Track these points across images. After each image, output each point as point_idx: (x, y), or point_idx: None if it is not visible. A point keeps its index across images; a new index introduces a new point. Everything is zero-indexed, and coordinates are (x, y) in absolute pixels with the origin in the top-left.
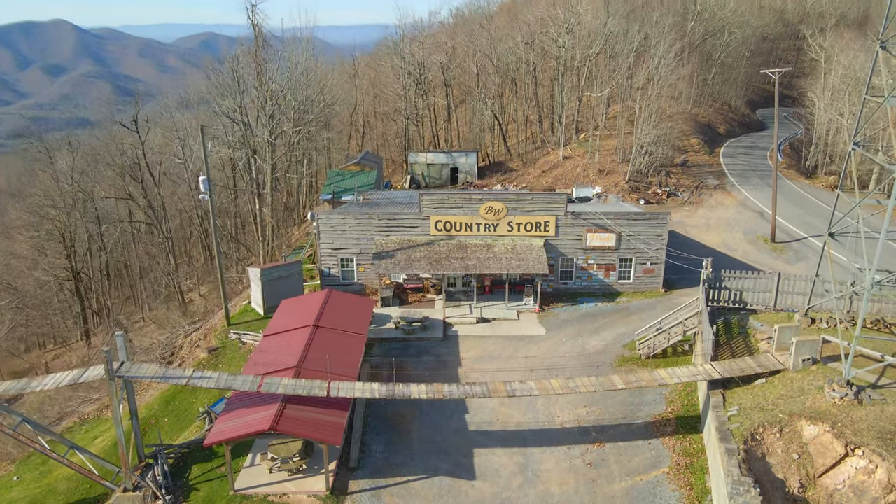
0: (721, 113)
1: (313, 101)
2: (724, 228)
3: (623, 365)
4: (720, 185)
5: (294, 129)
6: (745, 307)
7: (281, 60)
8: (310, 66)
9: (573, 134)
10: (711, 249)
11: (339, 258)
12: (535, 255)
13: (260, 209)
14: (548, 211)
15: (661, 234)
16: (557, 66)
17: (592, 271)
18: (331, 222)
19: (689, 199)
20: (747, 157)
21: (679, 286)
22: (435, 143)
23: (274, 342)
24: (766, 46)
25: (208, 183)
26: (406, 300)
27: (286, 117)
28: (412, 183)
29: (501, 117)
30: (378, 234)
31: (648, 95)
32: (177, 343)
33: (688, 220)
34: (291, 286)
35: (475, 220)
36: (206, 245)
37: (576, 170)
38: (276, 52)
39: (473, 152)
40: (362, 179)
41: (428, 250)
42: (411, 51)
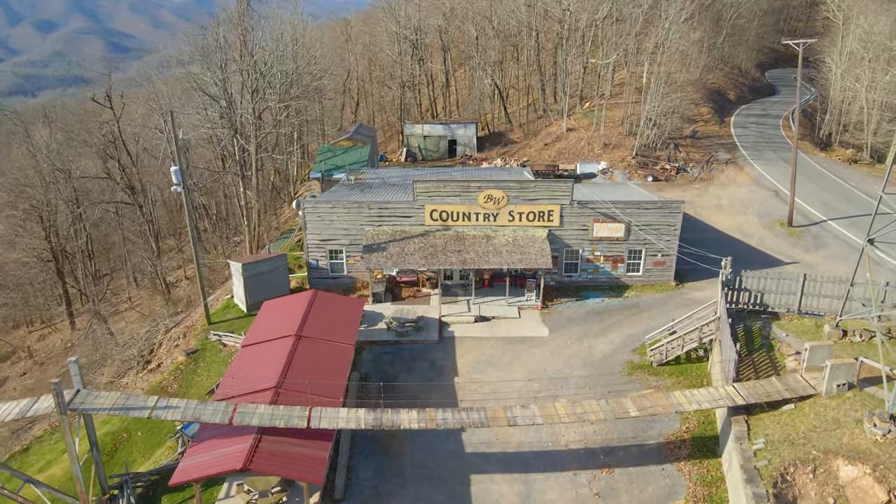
0: (731, 77)
1: (302, 73)
2: (737, 210)
3: (633, 374)
4: (732, 160)
5: (281, 103)
6: (766, 310)
7: (266, 27)
8: (298, 32)
9: (577, 103)
10: (724, 235)
11: (328, 249)
12: (537, 247)
13: (245, 192)
14: (552, 200)
15: (674, 224)
16: (561, 30)
17: (599, 263)
18: (318, 212)
19: (699, 176)
20: (759, 128)
21: (691, 278)
22: (433, 111)
23: (251, 356)
24: (778, 4)
25: (181, 174)
26: (399, 295)
27: (272, 90)
28: (408, 156)
29: (502, 85)
30: (369, 225)
31: (657, 63)
32: (156, 339)
33: (698, 199)
34: (276, 281)
35: (473, 209)
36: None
37: (580, 143)
38: (262, 17)
39: (472, 123)
40: (354, 156)
41: (422, 242)
42: (407, 13)
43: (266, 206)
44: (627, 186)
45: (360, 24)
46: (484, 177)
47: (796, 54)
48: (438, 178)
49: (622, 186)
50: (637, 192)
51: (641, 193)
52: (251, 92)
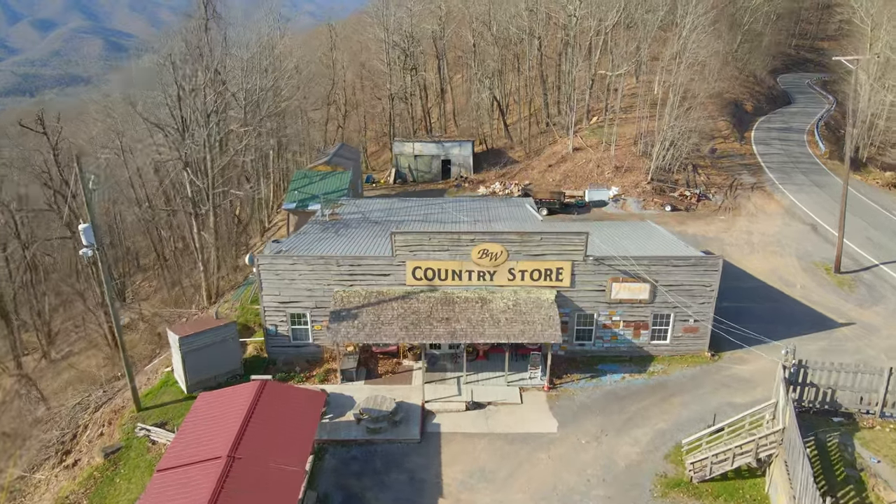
0: (747, 86)
1: (280, 87)
2: (772, 249)
3: (668, 494)
4: (758, 185)
5: (245, 127)
6: (837, 410)
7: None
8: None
9: (584, 117)
10: (761, 283)
11: (289, 313)
12: (543, 314)
13: (199, 233)
14: (561, 255)
15: (710, 284)
16: (566, 37)
17: (618, 330)
18: (276, 269)
19: (723, 204)
20: (783, 145)
21: (728, 345)
22: (426, 124)
23: (167, 488)
24: (794, 6)
25: (92, 232)
26: (375, 370)
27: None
28: (397, 177)
29: (501, 97)
30: (338, 284)
31: (674, 73)
32: (82, 420)
33: (726, 235)
34: (224, 356)
35: (466, 266)
36: (160, 251)
37: (588, 165)
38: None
39: (468, 142)
40: (333, 183)
41: (403, 307)
42: (397, 19)
43: (230, 241)
44: (647, 227)
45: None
46: (478, 217)
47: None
48: (422, 230)
49: (640, 227)
50: (658, 234)
51: (665, 239)
52: (207, 115)
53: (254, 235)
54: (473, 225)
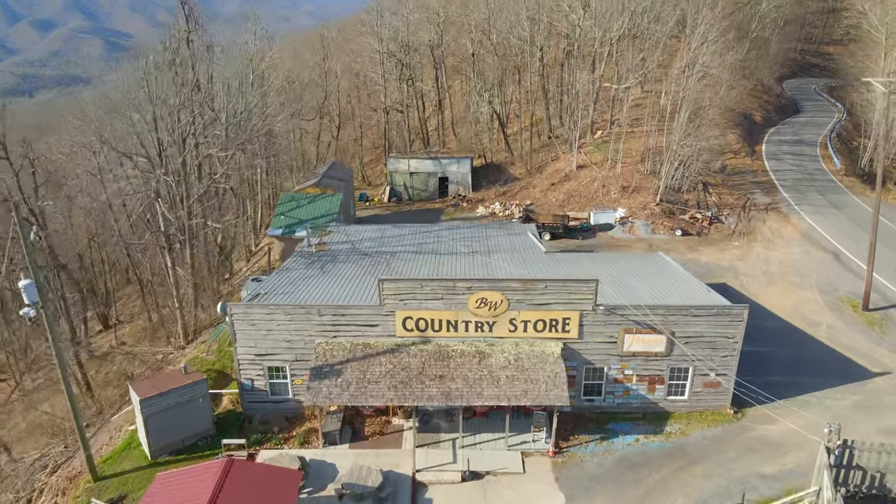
0: (755, 95)
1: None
2: (792, 281)
3: None
4: (773, 205)
5: (223, 152)
6: (887, 496)
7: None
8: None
9: (587, 131)
10: (784, 322)
11: (266, 366)
12: (549, 371)
13: (173, 269)
14: (568, 304)
15: (734, 335)
16: (569, 47)
17: (631, 385)
18: (250, 319)
19: (737, 228)
20: (796, 160)
21: (751, 398)
22: (423, 135)
23: None
24: (801, 11)
25: (35, 289)
26: (361, 431)
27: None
28: (392, 195)
29: (501, 109)
30: (320, 335)
31: (683, 89)
32: (38, 483)
33: (741, 264)
34: (192, 416)
35: (462, 316)
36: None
37: (593, 184)
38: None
39: (466, 159)
40: (322, 207)
41: (392, 362)
42: (393, 28)
43: (210, 271)
44: (659, 261)
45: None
46: (476, 248)
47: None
48: (413, 277)
49: (651, 261)
50: (671, 271)
51: (679, 277)
52: (183, 139)
53: (239, 259)
54: (471, 257)
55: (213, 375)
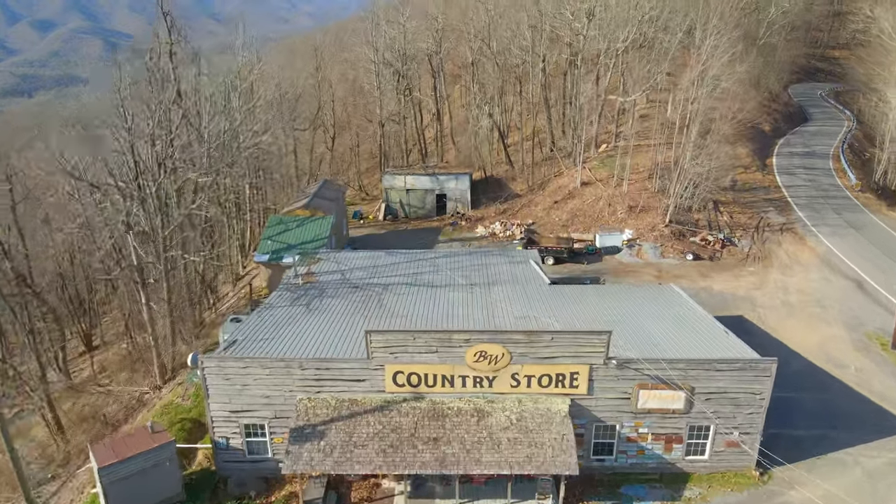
0: (763, 104)
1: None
2: (813, 313)
3: None
4: (787, 225)
5: (204, 177)
6: None
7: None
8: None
9: (592, 144)
10: (807, 363)
11: (242, 424)
12: (555, 433)
13: (147, 305)
14: (577, 357)
15: (760, 391)
16: (573, 57)
17: (645, 444)
18: (225, 373)
19: (751, 251)
20: (809, 174)
21: (777, 454)
22: (421, 147)
23: None
24: (808, 17)
25: None
26: (347, 497)
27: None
28: (388, 213)
29: (501, 119)
30: (301, 391)
31: (693, 104)
32: None
33: (757, 294)
34: (159, 481)
35: (459, 371)
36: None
37: (598, 203)
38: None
39: (465, 175)
40: (312, 230)
41: (381, 422)
42: (388, 38)
43: (191, 302)
44: (671, 295)
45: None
46: (475, 280)
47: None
48: (404, 328)
49: (662, 295)
50: (684, 307)
51: (695, 318)
52: (159, 163)
53: (226, 282)
54: (469, 291)
55: (188, 426)
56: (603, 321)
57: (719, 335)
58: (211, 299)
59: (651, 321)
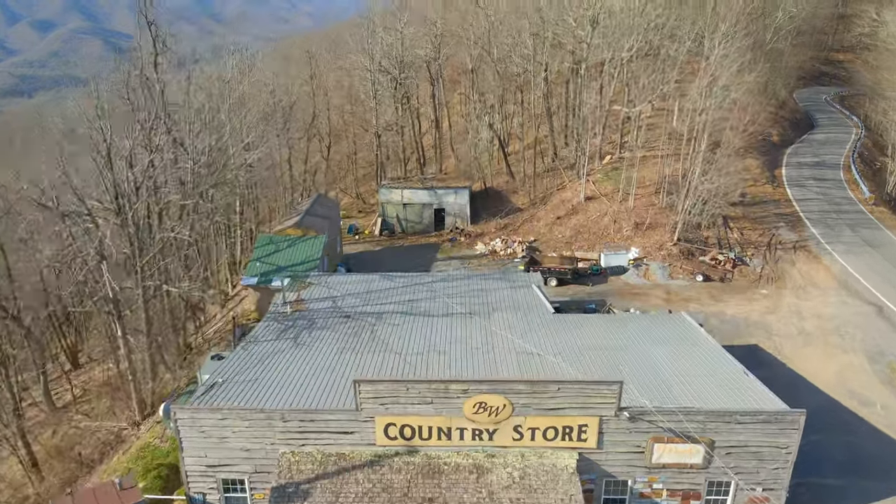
0: (771, 112)
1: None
2: (831, 342)
3: None
4: (801, 243)
5: (187, 200)
6: None
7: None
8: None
9: (596, 155)
10: (827, 398)
11: (220, 479)
12: (561, 492)
13: (124, 338)
14: (585, 409)
15: (787, 445)
16: (576, 65)
17: (660, 500)
18: (199, 426)
19: (763, 272)
20: (820, 186)
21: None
22: (419, 155)
23: None
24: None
25: None
26: None
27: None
28: (384, 228)
29: (501, 127)
30: (284, 444)
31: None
32: None
33: (772, 319)
34: None
35: (456, 423)
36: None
37: (603, 219)
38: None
39: (464, 189)
40: (303, 251)
41: (371, 480)
42: (385, 45)
43: (176, 330)
44: (682, 325)
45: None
46: (474, 307)
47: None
48: (397, 377)
49: (671, 325)
50: (697, 339)
51: (711, 353)
52: (136, 186)
53: (214, 302)
54: (469, 321)
55: (164, 472)
56: (611, 361)
57: (738, 377)
58: (198, 321)
59: (663, 359)
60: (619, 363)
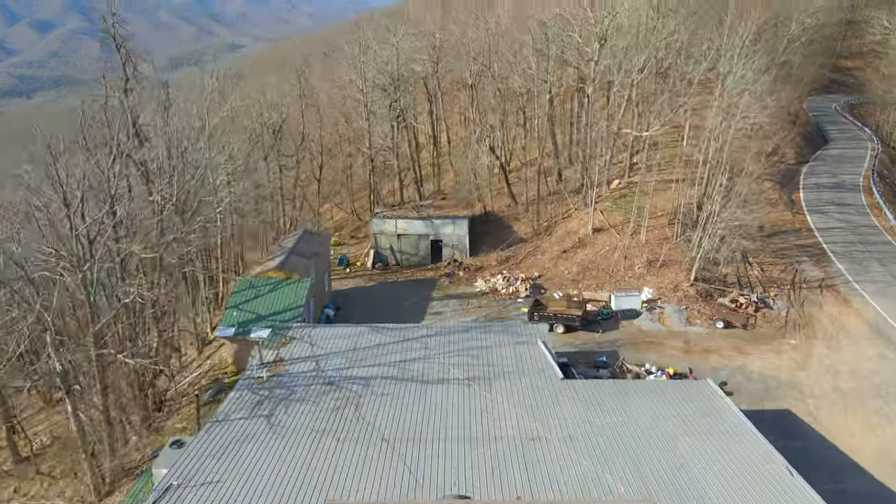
0: (783, 127)
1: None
2: (873, 408)
3: None
4: (827, 280)
5: (150, 253)
6: None
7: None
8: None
9: (603, 181)
10: (873, 483)
11: None
12: None
13: (75, 415)
14: None
15: None
16: (581, 84)
17: None
18: None
19: (789, 317)
20: (841, 212)
21: None
22: (416, 175)
23: None
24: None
25: None
26: None
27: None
28: (377, 260)
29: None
30: None
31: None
32: None
33: (802, 376)
34: None
35: None
36: None
37: (613, 254)
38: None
39: (463, 219)
40: (286, 297)
41: None
42: (379, 61)
43: (143, 391)
44: (709, 398)
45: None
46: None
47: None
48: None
49: (698, 397)
50: (734, 425)
51: (746, 440)
52: (90, 240)
53: (192, 344)
54: (467, 392)
55: None
56: (633, 453)
57: (783, 478)
58: (171, 369)
59: (694, 452)
60: (643, 456)
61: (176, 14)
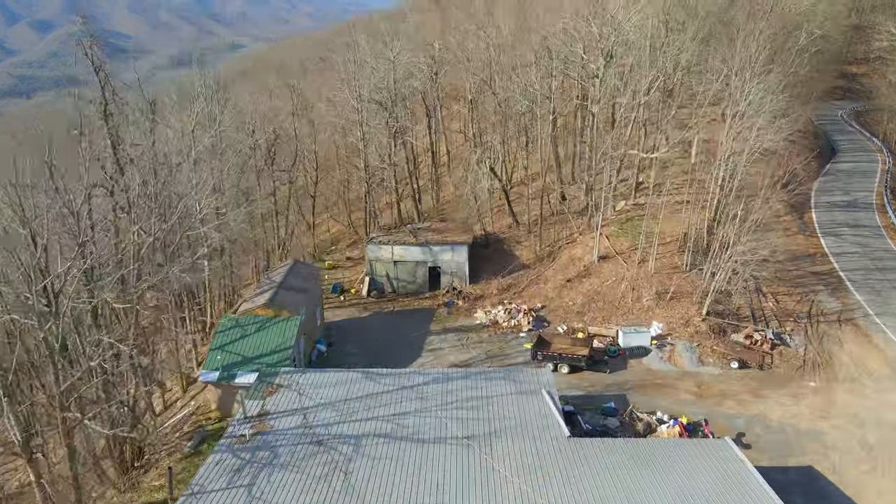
0: (792, 141)
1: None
2: None
3: None
4: (846, 313)
5: (122, 304)
6: None
7: None
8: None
9: (609, 204)
10: None
11: None
12: None
13: (39, 484)
14: None
15: None
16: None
17: None
18: None
19: (807, 355)
20: (856, 234)
21: None
22: (414, 195)
23: None
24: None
25: None
26: None
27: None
28: (372, 288)
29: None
30: None
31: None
32: None
33: (825, 426)
34: None
35: None
36: None
37: (620, 285)
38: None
39: (462, 246)
40: (274, 337)
41: None
42: (377, 77)
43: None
44: (726, 458)
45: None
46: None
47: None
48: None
49: (713, 455)
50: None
51: None
52: (56, 293)
53: (174, 384)
54: (466, 453)
55: None
56: None
57: None
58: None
59: None
60: None
61: (176, 14)
